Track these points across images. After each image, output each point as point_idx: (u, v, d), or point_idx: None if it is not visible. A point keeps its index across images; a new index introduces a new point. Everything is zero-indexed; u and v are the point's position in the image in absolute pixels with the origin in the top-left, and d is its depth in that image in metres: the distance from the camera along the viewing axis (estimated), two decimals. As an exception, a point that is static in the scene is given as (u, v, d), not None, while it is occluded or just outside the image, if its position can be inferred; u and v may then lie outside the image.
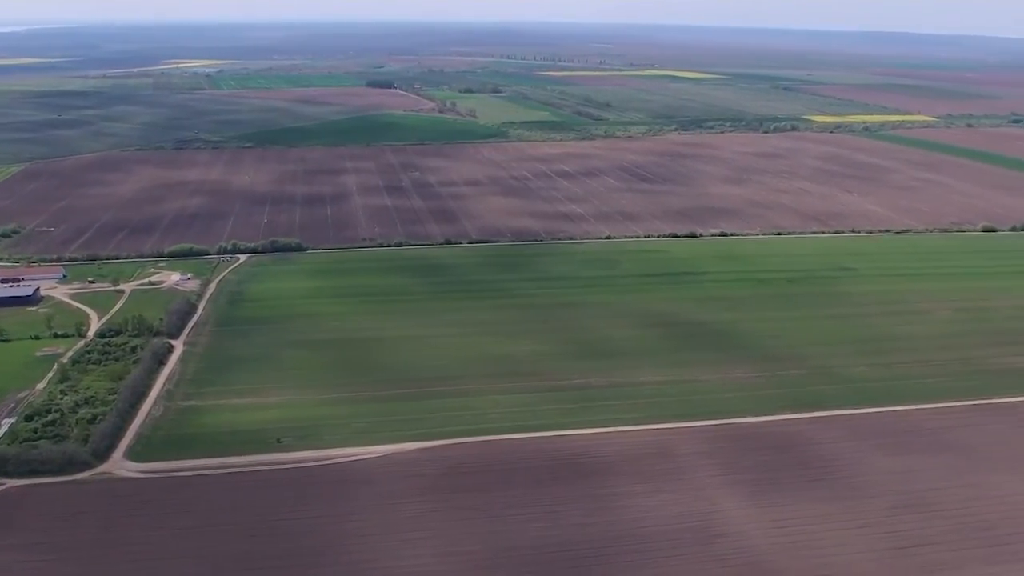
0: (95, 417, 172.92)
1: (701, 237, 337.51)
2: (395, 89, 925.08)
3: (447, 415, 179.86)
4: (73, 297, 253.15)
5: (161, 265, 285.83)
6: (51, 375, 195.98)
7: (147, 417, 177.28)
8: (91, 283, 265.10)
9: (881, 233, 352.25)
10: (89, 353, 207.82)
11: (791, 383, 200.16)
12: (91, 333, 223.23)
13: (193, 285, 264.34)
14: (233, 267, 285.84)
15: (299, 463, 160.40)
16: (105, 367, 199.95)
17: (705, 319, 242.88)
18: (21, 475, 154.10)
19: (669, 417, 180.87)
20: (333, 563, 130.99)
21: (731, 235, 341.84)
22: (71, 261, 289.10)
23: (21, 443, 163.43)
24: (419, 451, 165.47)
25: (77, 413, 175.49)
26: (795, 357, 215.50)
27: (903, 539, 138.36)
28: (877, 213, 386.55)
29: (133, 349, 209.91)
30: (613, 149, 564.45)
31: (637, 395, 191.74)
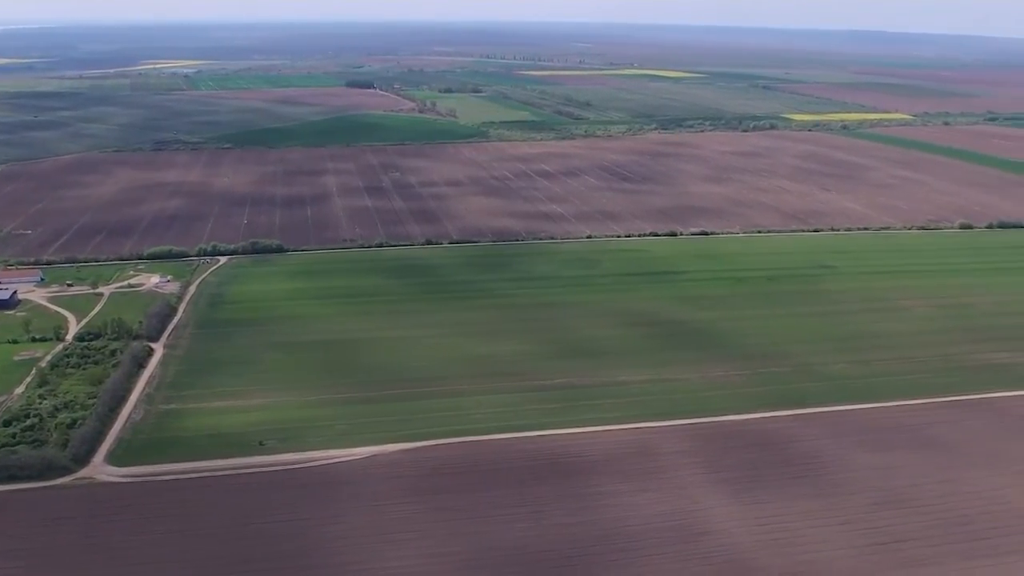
0: (74, 421, 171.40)
1: (682, 236, 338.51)
2: (375, 89, 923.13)
3: (430, 416, 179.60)
4: (51, 300, 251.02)
5: (140, 267, 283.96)
6: (29, 379, 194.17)
7: (127, 421, 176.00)
8: (69, 286, 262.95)
9: (860, 231, 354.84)
10: (68, 357, 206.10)
11: (772, 381, 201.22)
12: (70, 337, 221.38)
13: (173, 287, 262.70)
14: (213, 269, 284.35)
15: (282, 465, 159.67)
16: (84, 371, 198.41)
17: (686, 318, 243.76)
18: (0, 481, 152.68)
19: (651, 416, 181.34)
20: (317, 565, 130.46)
21: (711, 234, 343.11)
22: (49, 264, 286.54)
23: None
24: (402, 452, 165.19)
25: (56, 418, 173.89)
26: (776, 355, 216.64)
27: (883, 535, 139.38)
28: (856, 211, 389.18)
29: (112, 352, 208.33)
30: (593, 148, 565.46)
31: (619, 394, 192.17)
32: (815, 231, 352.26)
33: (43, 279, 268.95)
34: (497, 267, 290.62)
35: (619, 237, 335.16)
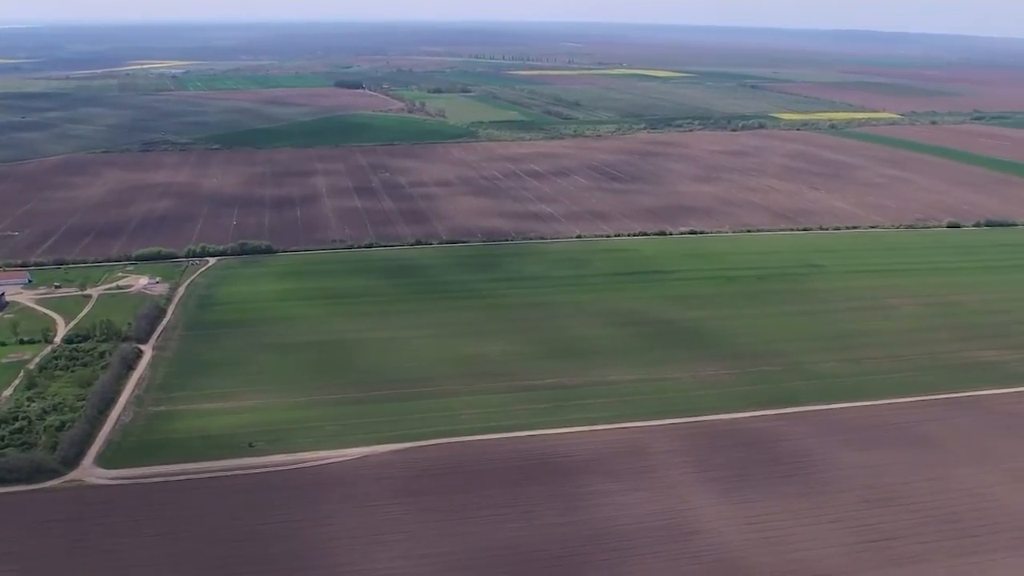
0: (63, 424, 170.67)
1: (671, 236, 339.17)
2: (364, 89, 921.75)
3: (420, 417, 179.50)
4: (39, 302, 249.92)
5: (129, 269, 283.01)
6: (17, 382, 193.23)
7: (117, 423, 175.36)
8: (57, 288, 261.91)
9: (849, 230, 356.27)
10: (56, 359, 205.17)
11: (762, 380, 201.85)
12: (58, 339, 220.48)
13: (162, 289, 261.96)
14: (202, 270, 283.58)
15: (272, 467, 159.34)
16: (73, 373, 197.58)
17: (676, 317, 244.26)
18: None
19: (641, 415, 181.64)
20: (309, 567, 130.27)
21: (701, 233, 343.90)
22: (37, 266, 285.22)
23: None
24: (393, 453, 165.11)
25: (45, 420, 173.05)
26: (765, 354, 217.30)
27: (873, 533, 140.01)
28: (844, 210, 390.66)
29: (101, 354, 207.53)
30: (583, 148, 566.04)
31: (609, 394, 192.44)
32: (804, 230, 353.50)
33: (31, 281, 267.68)
34: (487, 267, 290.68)
35: (609, 237, 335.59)
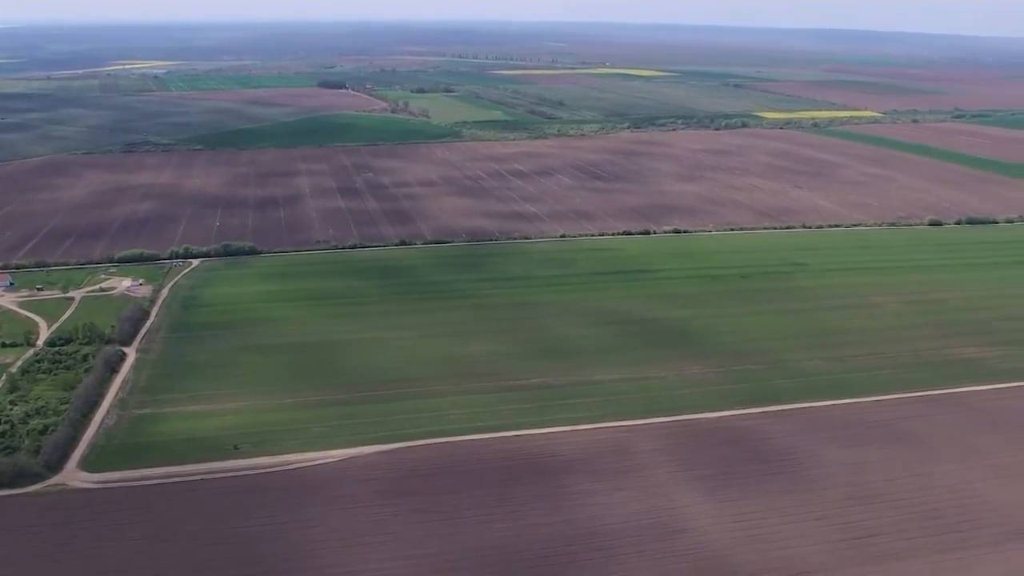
0: (47, 428, 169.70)
1: (655, 235, 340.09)
2: (347, 89, 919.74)
3: (406, 417, 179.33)
4: (21, 305, 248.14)
5: (112, 271, 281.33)
6: (0, 385, 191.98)
7: (100, 426, 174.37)
8: (39, 290, 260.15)
9: (831, 228, 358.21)
10: (39, 362, 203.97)
11: (746, 378, 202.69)
12: (41, 342, 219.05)
13: (145, 291, 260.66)
14: (186, 272, 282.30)
15: (257, 469, 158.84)
16: (56, 376, 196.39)
17: (660, 316, 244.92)
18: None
19: (627, 415, 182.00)
20: (295, 569, 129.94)
21: (685, 232, 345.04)
22: (18, 268, 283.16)
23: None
24: (379, 454, 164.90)
25: (28, 424, 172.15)
26: (750, 352, 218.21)
27: (857, 530, 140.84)
28: (827, 208, 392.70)
29: (84, 357, 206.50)
30: (567, 148, 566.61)
31: (595, 393, 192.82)
32: (787, 229, 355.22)
33: (12, 283, 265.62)
34: (471, 267, 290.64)
35: (593, 236, 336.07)
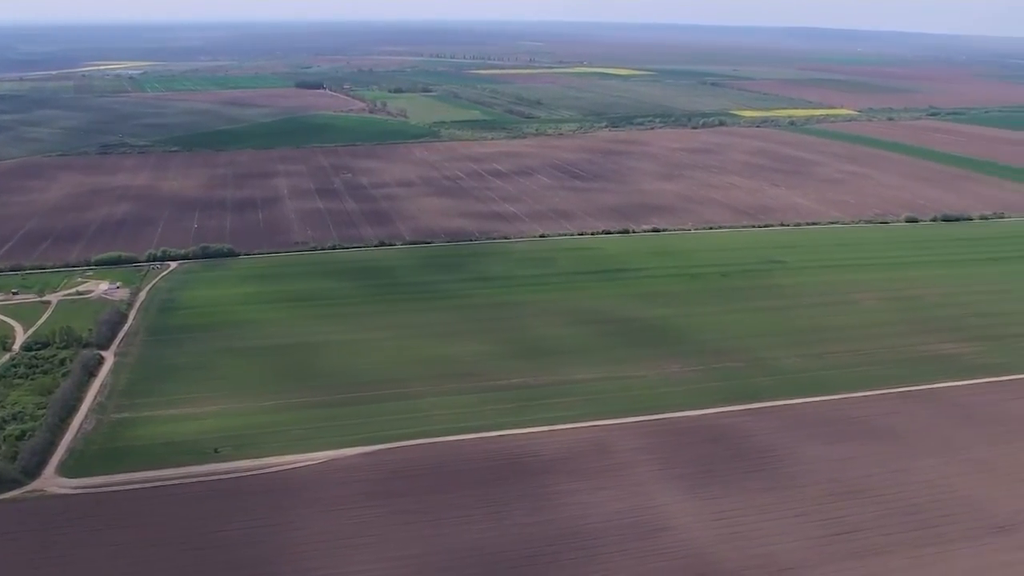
0: (24, 433, 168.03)
1: (634, 234, 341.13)
2: (324, 90, 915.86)
3: (388, 419, 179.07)
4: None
5: (89, 274, 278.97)
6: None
7: (79, 431, 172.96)
8: (15, 294, 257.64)
9: (809, 226, 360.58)
10: (15, 367, 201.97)
11: (726, 376, 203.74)
12: (17, 346, 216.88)
13: (123, 294, 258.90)
14: (163, 275, 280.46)
15: (238, 472, 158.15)
16: (33, 381, 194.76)
17: (640, 315, 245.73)
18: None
19: (607, 414, 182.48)
20: (277, 573, 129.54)
21: (664, 231, 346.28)
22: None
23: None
24: (361, 456, 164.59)
25: (4, 430, 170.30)
26: (729, 350, 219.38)
27: (837, 526, 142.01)
28: (805, 206, 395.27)
29: (62, 361, 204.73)
30: (545, 147, 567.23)
31: (576, 393, 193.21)
32: (766, 226, 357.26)
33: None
34: (451, 268, 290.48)
35: (573, 236, 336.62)
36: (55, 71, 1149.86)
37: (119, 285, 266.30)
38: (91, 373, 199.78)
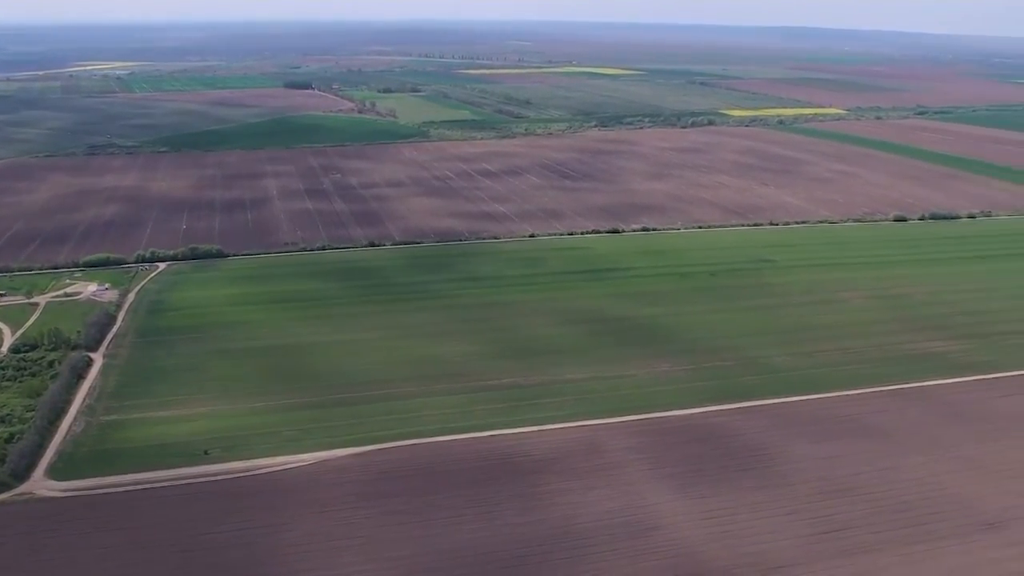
0: (12, 436, 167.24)
1: (624, 233, 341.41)
2: (313, 90, 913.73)
3: (378, 420, 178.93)
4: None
5: (77, 276, 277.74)
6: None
7: (68, 434, 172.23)
8: (2, 296, 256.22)
9: (798, 224, 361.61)
10: (3, 369, 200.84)
11: (716, 375, 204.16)
12: (4, 348, 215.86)
13: (111, 295, 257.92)
14: (152, 276, 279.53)
15: (228, 474, 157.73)
16: (21, 383, 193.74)
17: (630, 314, 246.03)
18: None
19: (598, 413, 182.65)
20: (268, 575, 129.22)
21: (653, 230, 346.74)
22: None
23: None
24: (351, 457, 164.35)
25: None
26: (719, 349, 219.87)
27: (827, 524, 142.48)
28: (794, 205, 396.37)
29: (50, 364, 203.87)
30: (534, 147, 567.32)
31: (566, 392, 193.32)
32: (755, 225, 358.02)
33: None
34: (441, 268, 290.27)
35: (562, 235, 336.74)
36: (42, 71, 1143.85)
37: (107, 287, 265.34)
38: (80, 375, 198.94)
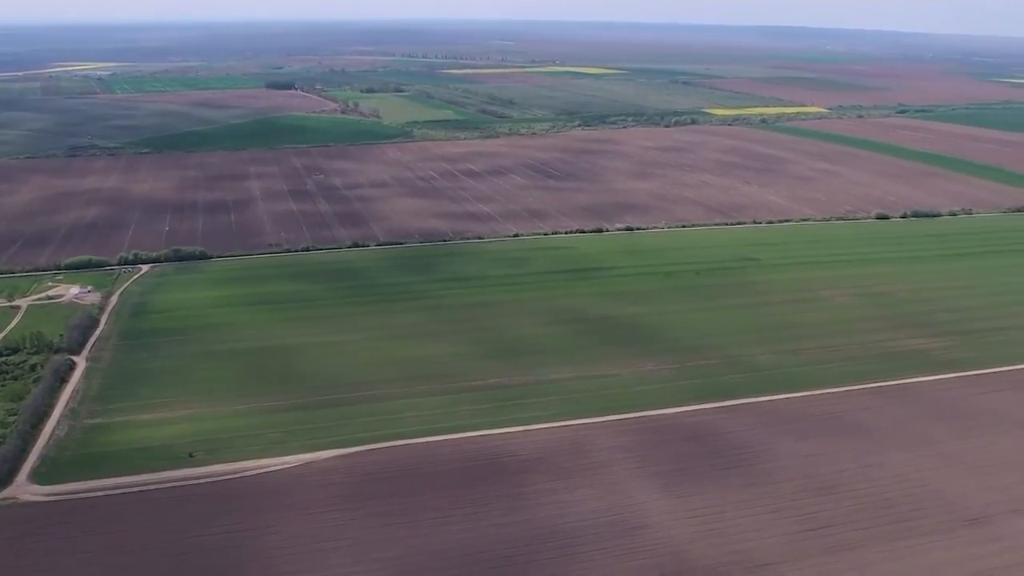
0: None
1: (608, 232, 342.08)
2: (296, 90, 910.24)
3: (363, 421, 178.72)
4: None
5: (59, 278, 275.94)
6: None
7: (51, 438, 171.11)
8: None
9: (781, 223, 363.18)
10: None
11: (701, 374, 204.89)
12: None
13: (94, 298, 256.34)
14: (135, 278, 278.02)
15: (213, 477, 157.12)
16: (3, 387, 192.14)
17: (615, 313, 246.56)
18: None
19: (583, 413, 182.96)
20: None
21: (637, 229, 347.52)
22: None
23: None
24: (337, 459, 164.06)
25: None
26: (704, 348, 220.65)
27: (812, 521, 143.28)
28: (777, 204, 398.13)
29: (33, 367, 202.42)
30: (518, 147, 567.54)
31: (551, 392, 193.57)
32: (738, 224, 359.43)
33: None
34: (425, 268, 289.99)
35: (546, 235, 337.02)
36: (21, 72, 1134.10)
37: (90, 289, 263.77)
38: (63, 379, 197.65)
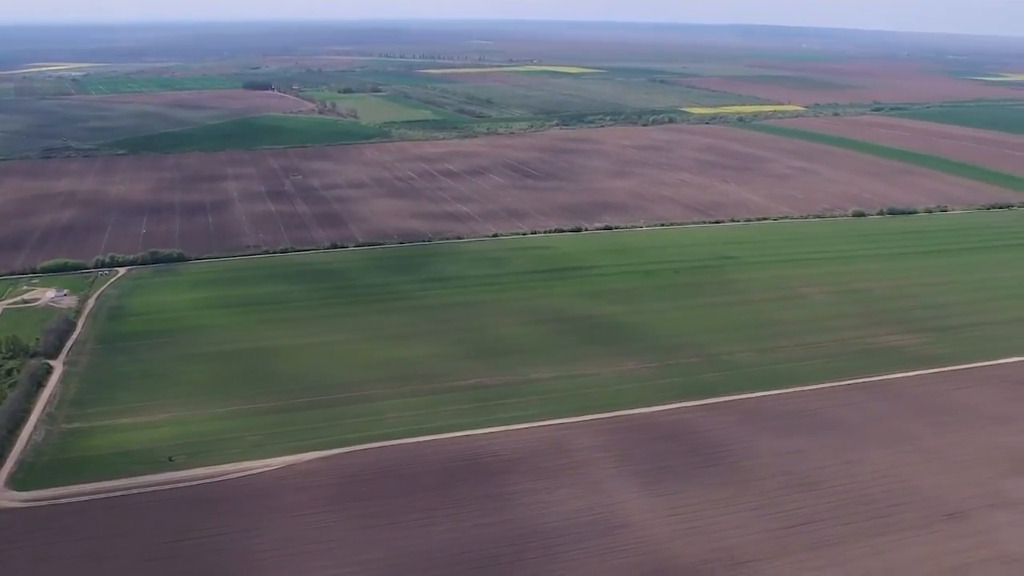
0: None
1: (587, 232, 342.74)
2: (273, 90, 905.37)
3: (345, 423, 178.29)
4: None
5: (34, 282, 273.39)
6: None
7: (28, 443, 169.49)
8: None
9: (759, 221, 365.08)
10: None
11: (681, 372, 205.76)
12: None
13: (70, 301, 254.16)
14: (112, 281, 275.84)
15: (194, 481, 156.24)
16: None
17: (595, 313, 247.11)
18: None
19: (564, 412, 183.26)
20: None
21: (616, 228, 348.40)
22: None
23: None
24: (319, 461, 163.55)
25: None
26: (684, 346, 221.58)
27: (793, 518, 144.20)
28: (755, 202, 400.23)
29: (8, 372, 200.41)
30: (497, 146, 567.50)
31: (531, 392, 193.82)
32: (717, 223, 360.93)
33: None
34: (405, 269, 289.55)
35: (525, 235, 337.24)
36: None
37: (66, 292, 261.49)
38: (39, 383, 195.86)
